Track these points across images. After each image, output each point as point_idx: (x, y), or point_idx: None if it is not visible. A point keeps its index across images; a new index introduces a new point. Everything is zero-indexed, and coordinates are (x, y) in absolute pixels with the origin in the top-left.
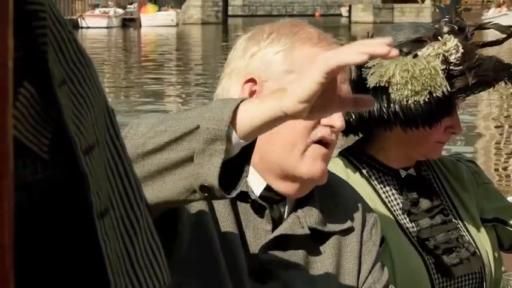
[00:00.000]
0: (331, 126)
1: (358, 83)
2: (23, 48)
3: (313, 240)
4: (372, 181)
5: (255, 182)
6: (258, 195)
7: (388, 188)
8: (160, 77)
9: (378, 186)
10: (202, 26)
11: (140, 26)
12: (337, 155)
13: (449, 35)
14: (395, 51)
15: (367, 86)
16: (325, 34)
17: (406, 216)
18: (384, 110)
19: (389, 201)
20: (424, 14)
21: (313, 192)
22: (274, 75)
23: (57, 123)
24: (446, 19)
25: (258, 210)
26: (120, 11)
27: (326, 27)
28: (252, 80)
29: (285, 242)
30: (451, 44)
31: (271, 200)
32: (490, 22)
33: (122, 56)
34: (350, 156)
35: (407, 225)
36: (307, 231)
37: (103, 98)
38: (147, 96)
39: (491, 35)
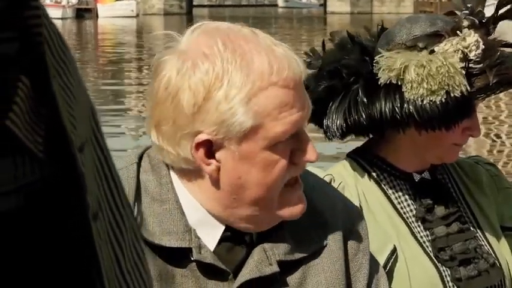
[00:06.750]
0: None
1: (369, 80)
2: (18, 40)
3: (282, 274)
4: (383, 185)
5: (208, 233)
6: (213, 249)
7: (400, 193)
8: (119, 75)
9: (390, 191)
10: (165, 16)
11: (97, 16)
12: (346, 156)
13: (469, 29)
14: None
15: (379, 83)
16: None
17: (420, 223)
18: (397, 110)
19: (401, 208)
20: (406, 4)
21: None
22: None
23: (49, 119)
24: (466, 11)
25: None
26: (74, 0)
27: (299, 18)
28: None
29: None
30: (471, 40)
31: (233, 238)
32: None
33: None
34: (359, 158)
35: (422, 233)
36: (276, 269)
37: (87, 95)
38: (105, 96)
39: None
